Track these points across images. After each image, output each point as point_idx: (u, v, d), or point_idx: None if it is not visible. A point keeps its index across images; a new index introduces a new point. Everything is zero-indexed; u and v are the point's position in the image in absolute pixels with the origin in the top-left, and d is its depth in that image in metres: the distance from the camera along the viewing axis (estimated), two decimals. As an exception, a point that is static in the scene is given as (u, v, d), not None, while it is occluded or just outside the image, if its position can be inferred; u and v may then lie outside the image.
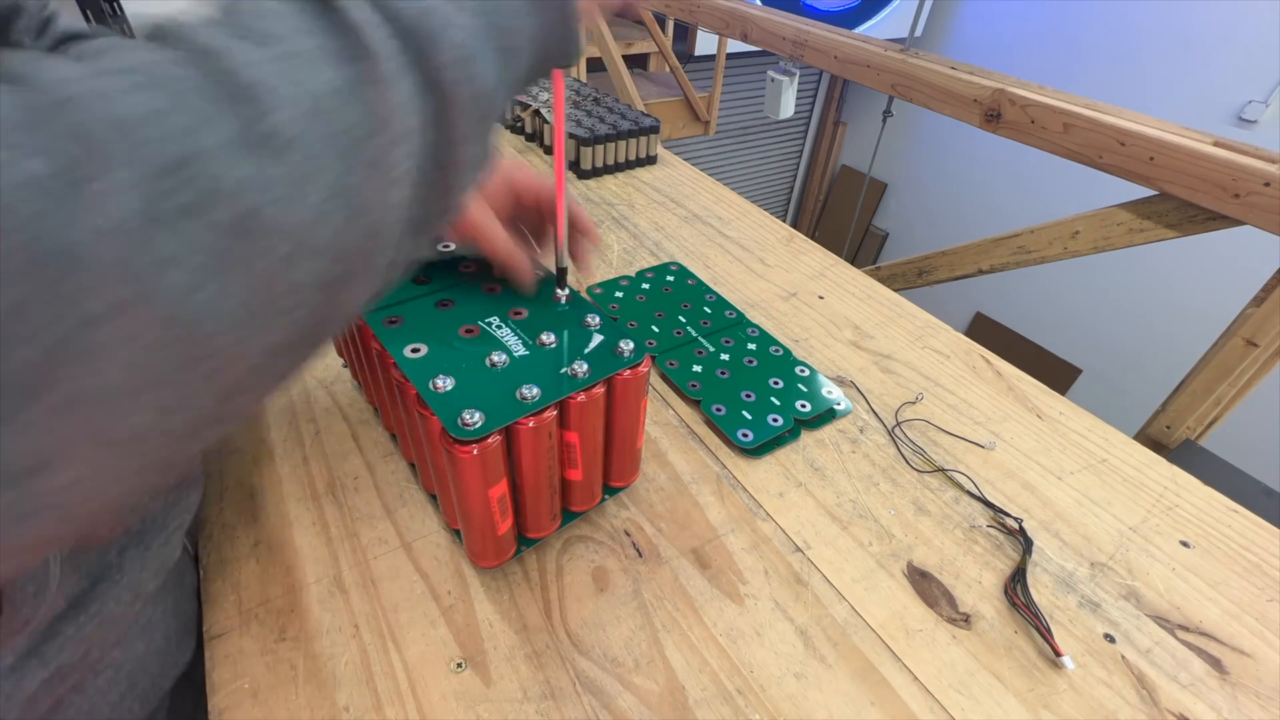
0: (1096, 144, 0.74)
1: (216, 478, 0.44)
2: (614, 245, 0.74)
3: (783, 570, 0.41)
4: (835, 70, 1.03)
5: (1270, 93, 2.08)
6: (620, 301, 0.63)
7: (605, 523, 0.43)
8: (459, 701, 0.34)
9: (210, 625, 0.36)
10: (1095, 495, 0.47)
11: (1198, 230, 0.71)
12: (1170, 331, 2.48)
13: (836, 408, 0.52)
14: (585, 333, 0.36)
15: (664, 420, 0.51)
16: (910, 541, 0.43)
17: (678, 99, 2.29)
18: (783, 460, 0.48)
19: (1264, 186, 0.62)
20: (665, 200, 0.84)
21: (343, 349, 0.49)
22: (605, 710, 0.34)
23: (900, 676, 0.36)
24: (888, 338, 0.61)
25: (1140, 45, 2.35)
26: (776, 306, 0.65)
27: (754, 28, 1.17)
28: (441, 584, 0.39)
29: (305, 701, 0.33)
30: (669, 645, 0.36)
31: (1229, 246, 1.26)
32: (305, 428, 0.48)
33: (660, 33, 2.04)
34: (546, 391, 0.32)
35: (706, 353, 0.57)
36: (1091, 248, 0.82)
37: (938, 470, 0.48)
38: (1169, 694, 0.36)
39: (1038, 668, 0.36)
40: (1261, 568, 0.43)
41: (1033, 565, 0.42)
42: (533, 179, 0.40)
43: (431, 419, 0.31)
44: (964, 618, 0.39)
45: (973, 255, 0.95)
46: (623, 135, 0.88)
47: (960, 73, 0.86)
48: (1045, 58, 2.63)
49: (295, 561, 0.40)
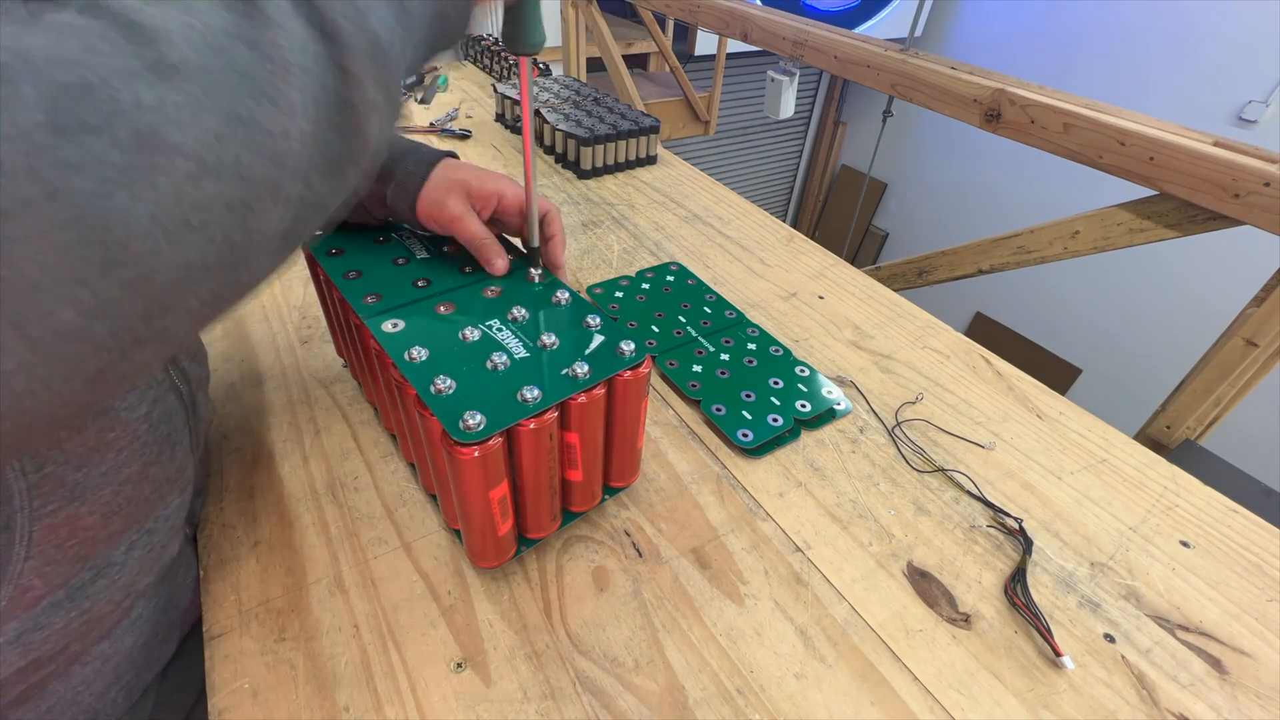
0: (1096, 144, 0.74)
1: (216, 477, 0.44)
2: (614, 245, 0.74)
3: (783, 570, 0.41)
4: (835, 70, 1.03)
5: (1270, 93, 2.08)
6: (620, 301, 0.63)
7: (605, 523, 0.43)
8: (459, 701, 0.34)
9: (210, 625, 0.36)
10: (1095, 495, 0.47)
11: (1198, 230, 0.71)
12: (1170, 331, 2.48)
13: (836, 408, 0.52)
14: (586, 333, 0.36)
15: (664, 420, 0.51)
16: (910, 541, 0.43)
17: (678, 99, 2.29)
18: (783, 460, 0.48)
19: (1264, 186, 0.62)
20: (665, 200, 0.84)
21: (343, 349, 0.49)
22: (605, 710, 0.34)
23: (900, 676, 0.36)
24: (888, 338, 0.61)
25: (1140, 45, 2.35)
26: (776, 306, 0.65)
27: (754, 28, 1.17)
28: (441, 584, 0.39)
29: (305, 701, 0.33)
30: (669, 645, 0.36)
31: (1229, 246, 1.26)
32: (305, 428, 0.48)
33: (660, 33, 2.04)
34: (547, 393, 0.32)
35: (706, 353, 0.57)
36: (1091, 248, 0.82)
37: (938, 470, 0.48)
38: (1169, 694, 0.36)
39: (1038, 668, 0.36)
40: (1261, 568, 0.43)
41: (1033, 565, 0.42)
42: (518, 190, 0.42)
43: (432, 420, 0.31)
44: (964, 618, 0.39)
45: (973, 255, 0.95)
46: (623, 135, 0.88)
47: (960, 73, 0.86)
48: (1045, 58, 2.63)
49: (295, 561, 0.40)
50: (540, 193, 0.43)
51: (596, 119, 0.90)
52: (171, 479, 0.34)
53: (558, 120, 0.90)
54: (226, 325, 0.58)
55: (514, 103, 0.98)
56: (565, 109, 0.94)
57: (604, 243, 0.74)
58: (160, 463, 0.32)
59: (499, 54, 1.23)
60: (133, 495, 0.31)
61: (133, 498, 0.31)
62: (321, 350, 0.55)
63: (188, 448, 0.36)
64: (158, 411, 0.32)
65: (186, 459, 0.35)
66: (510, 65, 1.19)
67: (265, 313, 0.60)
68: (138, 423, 0.31)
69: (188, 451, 0.36)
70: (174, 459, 0.34)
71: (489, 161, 0.93)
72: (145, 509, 0.32)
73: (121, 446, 0.30)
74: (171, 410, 0.34)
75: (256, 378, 0.53)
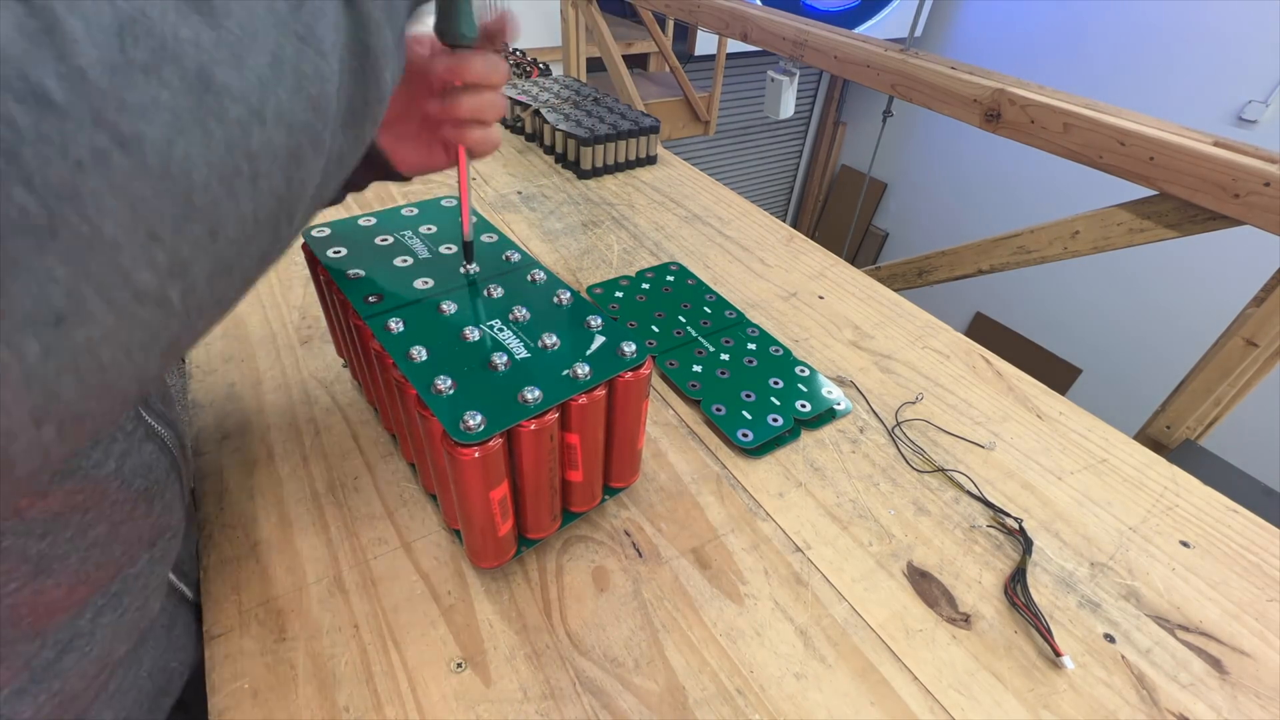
0: (1096, 144, 0.74)
1: (216, 478, 0.44)
2: (614, 245, 0.74)
3: (783, 570, 0.41)
4: (835, 70, 1.03)
5: (1270, 93, 2.08)
6: (620, 301, 0.63)
7: (605, 523, 0.43)
8: (459, 701, 0.34)
9: (210, 625, 0.36)
10: (1095, 495, 0.47)
11: (1198, 230, 0.71)
12: (1170, 331, 2.49)
13: (836, 408, 0.52)
14: (587, 334, 0.36)
15: (664, 420, 0.51)
16: (910, 541, 0.43)
17: (678, 99, 2.29)
18: (783, 460, 0.48)
19: (1264, 186, 0.62)
20: (665, 200, 0.84)
21: (343, 349, 0.49)
22: (605, 710, 0.34)
23: (900, 676, 0.36)
24: (888, 338, 0.62)
25: (1140, 45, 2.35)
26: (776, 306, 0.65)
27: (754, 28, 1.17)
28: (441, 584, 0.39)
29: (305, 701, 0.33)
30: (669, 645, 0.36)
31: (1229, 246, 1.26)
32: (305, 428, 0.48)
33: (660, 33, 2.04)
34: (548, 394, 0.32)
35: (706, 353, 0.57)
36: (1091, 248, 0.82)
37: (938, 470, 0.48)
38: (1169, 694, 0.36)
39: (1038, 668, 0.36)
40: (1261, 568, 0.43)
41: (1033, 565, 0.42)
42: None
43: (432, 420, 0.31)
44: (964, 618, 0.39)
45: (973, 255, 0.95)
46: (623, 135, 0.88)
47: (960, 73, 0.86)
48: (1045, 58, 2.63)
49: (295, 561, 0.40)
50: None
51: (596, 119, 0.90)
52: (142, 537, 0.30)
53: (558, 120, 0.90)
54: (226, 325, 0.58)
55: (514, 103, 0.98)
56: (565, 109, 0.94)
57: (604, 243, 0.74)
58: (132, 520, 0.29)
59: (498, 54, 1.23)
60: (101, 560, 0.28)
61: (101, 562, 0.28)
62: (321, 350, 0.55)
63: (174, 498, 0.33)
64: (129, 465, 0.29)
65: (168, 512, 0.32)
66: (510, 65, 1.19)
67: (265, 313, 0.60)
68: (106, 480, 0.27)
69: (173, 503, 0.32)
70: (149, 515, 0.30)
71: (489, 160, 0.93)
72: (112, 570, 0.29)
73: (89, 508, 0.26)
74: (150, 462, 0.30)
75: (256, 378, 0.53)
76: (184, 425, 0.35)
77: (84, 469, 0.26)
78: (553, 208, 0.81)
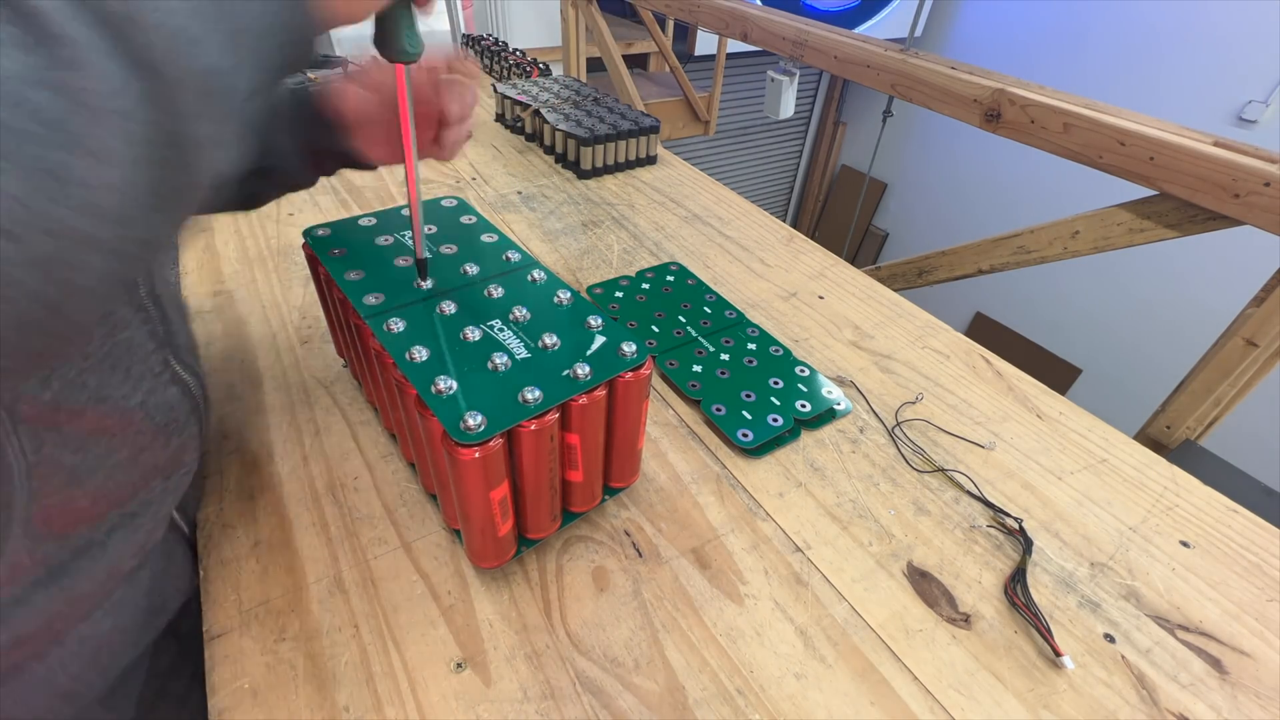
0: (1096, 144, 0.74)
1: (216, 478, 0.44)
2: (614, 245, 0.74)
3: (783, 570, 0.41)
4: (835, 70, 1.03)
5: (1270, 93, 2.08)
6: (620, 301, 0.63)
7: (605, 523, 0.43)
8: (459, 702, 0.34)
9: (210, 625, 0.36)
10: (1095, 495, 0.47)
11: (1198, 230, 0.71)
12: (1170, 331, 2.48)
13: (836, 408, 0.52)
14: (587, 334, 0.36)
15: (664, 420, 0.51)
16: (910, 541, 0.43)
17: (678, 99, 2.29)
18: (783, 460, 0.48)
19: (1264, 186, 0.62)
20: (665, 200, 0.84)
21: (343, 349, 0.49)
22: (605, 710, 0.34)
23: (900, 676, 0.36)
24: (888, 338, 0.62)
25: (1140, 45, 2.35)
26: (776, 306, 0.65)
27: (754, 28, 1.17)
28: (441, 584, 0.39)
29: (305, 701, 0.33)
30: (669, 645, 0.36)
31: (1229, 246, 1.26)
32: (305, 428, 0.48)
33: (660, 33, 2.04)
34: (548, 394, 0.32)
35: (706, 353, 0.57)
36: (1091, 248, 0.82)
37: (938, 470, 0.48)
38: (1169, 694, 0.36)
39: (1038, 668, 0.36)
40: (1261, 568, 0.43)
41: (1033, 565, 0.42)
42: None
43: (432, 420, 0.31)
44: (964, 618, 0.39)
45: (973, 255, 0.95)
46: (623, 135, 0.88)
47: (960, 73, 0.86)
48: (1045, 58, 2.63)
49: (295, 561, 0.40)
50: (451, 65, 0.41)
51: (596, 119, 0.90)
52: (159, 466, 0.34)
53: (558, 120, 0.90)
54: (226, 325, 0.58)
55: (514, 103, 0.98)
56: (565, 109, 0.94)
57: (604, 243, 0.74)
58: (152, 450, 0.33)
59: (499, 54, 1.23)
60: (122, 480, 0.32)
61: (122, 482, 0.32)
62: (321, 350, 0.55)
63: (191, 438, 0.36)
64: (154, 401, 0.33)
65: (184, 450, 0.36)
66: (510, 65, 1.19)
67: (265, 313, 0.60)
68: (133, 411, 0.31)
69: (189, 443, 0.36)
70: (167, 447, 0.34)
71: (489, 160, 0.93)
72: (130, 491, 0.33)
73: (115, 432, 0.31)
74: (173, 402, 0.34)
75: (256, 378, 0.53)
76: (205, 377, 0.38)
77: (114, 399, 0.30)
78: (553, 208, 0.81)
